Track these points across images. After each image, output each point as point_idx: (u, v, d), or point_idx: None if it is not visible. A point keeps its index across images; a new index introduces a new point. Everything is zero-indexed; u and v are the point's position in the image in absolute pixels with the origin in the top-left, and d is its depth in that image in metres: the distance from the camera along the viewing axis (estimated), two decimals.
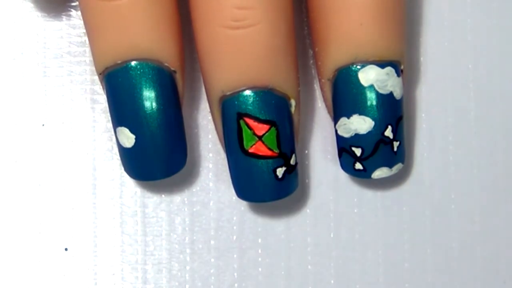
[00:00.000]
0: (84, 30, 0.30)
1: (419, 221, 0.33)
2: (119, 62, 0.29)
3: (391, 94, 0.30)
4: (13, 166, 0.33)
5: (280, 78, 0.30)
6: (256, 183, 0.30)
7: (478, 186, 0.33)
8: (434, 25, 0.34)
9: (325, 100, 0.32)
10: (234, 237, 0.33)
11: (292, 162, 0.30)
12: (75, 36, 0.33)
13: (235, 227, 0.33)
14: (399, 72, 0.30)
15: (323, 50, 0.30)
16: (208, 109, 0.31)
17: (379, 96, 0.30)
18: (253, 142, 0.30)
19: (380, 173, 0.31)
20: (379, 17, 0.29)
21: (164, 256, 0.33)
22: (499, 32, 0.34)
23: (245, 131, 0.30)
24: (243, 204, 0.33)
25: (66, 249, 0.33)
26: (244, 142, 0.30)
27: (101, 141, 0.33)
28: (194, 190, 0.33)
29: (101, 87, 0.31)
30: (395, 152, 0.31)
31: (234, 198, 0.32)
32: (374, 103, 0.30)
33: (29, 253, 0.32)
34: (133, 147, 0.30)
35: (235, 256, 0.33)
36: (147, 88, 0.29)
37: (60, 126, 0.33)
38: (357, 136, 0.30)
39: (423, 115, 0.33)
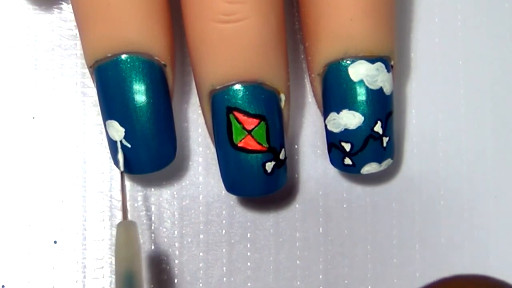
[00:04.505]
0: (75, 24, 0.30)
1: (408, 217, 0.33)
2: (109, 55, 0.29)
3: (381, 89, 0.30)
4: (2, 158, 0.33)
5: (270, 73, 0.30)
6: (245, 177, 0.30)
7: (467, 183, 0.33)
8: (425, 21, 0.34)
9: (315, 95, 0.32)
10: (223, 231, 0.33)
11: (281, 156, 0.30)
12: (66, 30, 0.33)
13: (224, 221, 0.33)
14: (389, 68, 0.30)
15: (313, 45, 0.30)
16: (198, 103, 0.31)
17: (368, 91, 0.30)
18: (243, 136, 0.30)
19: (369, 168, 0.31)
20: (369, 12, 0.29)
21: (153, 250, 0.33)
22: (489, 29, 0.34)
23: (235, 125, 0.29)
24: (232, 199, 0.33)
25: (55, 242, 0.32)
26: (234, 136, 0.30)
27: (91, 135, 0.33)
28: (183, 184, 0.33)
29: (91, 80, 0.31)
30: (385, 148, 0.31)
31: (223, 192, 0.32)
32: (364, 98, 0.30)
33: (18, 246, 0.32)
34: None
35: (224, 250, 0.33)
36: (137, 82, 0.29)
37: (50, 119, 0.33)
38: (346, 131, 0.30)
39: (413, 110, 0.33)
